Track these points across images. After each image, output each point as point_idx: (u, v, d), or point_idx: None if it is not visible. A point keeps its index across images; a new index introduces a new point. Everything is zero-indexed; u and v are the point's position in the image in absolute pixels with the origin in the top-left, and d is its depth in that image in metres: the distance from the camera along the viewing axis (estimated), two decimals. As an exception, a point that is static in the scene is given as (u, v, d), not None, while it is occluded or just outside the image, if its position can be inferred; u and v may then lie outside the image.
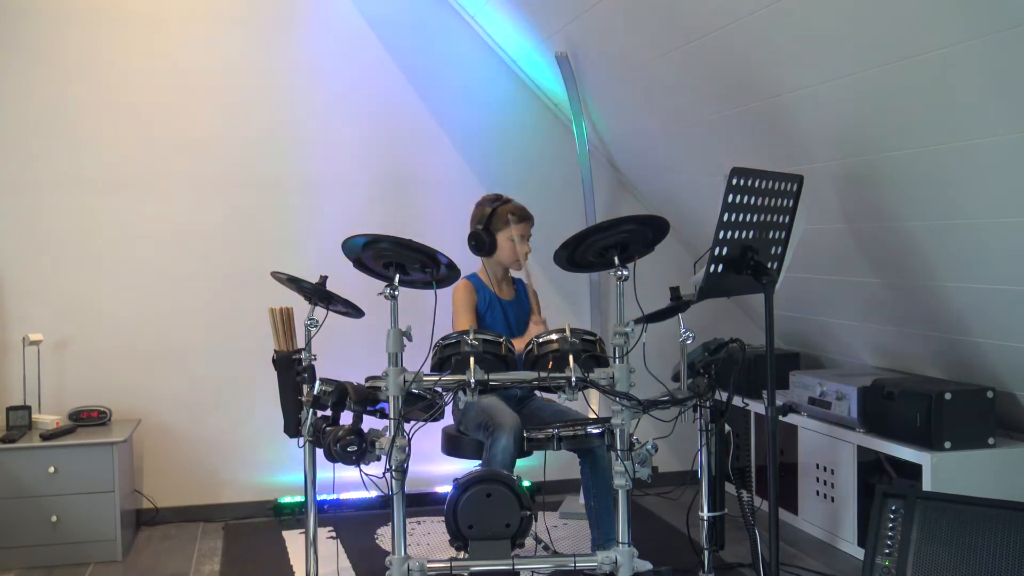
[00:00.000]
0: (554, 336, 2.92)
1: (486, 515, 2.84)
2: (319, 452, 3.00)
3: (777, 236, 2.94)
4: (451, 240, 3.51)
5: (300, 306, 3.26)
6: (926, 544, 2.78)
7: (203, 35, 4.35)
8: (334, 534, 4.06)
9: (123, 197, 4.28)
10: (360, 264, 2.94)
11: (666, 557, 3.56)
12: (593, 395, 3.06)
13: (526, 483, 2.93)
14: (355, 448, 2.81)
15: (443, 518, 2.88)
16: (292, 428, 3.23)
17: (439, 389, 2.89)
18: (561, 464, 4.07)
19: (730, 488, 3.89)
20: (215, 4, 4.35)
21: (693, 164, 4.18)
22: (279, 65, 4.43)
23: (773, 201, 2.87)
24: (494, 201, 3.54)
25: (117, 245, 4.29)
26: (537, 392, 3.54)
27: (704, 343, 3.10)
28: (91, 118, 4.25)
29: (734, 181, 2.70)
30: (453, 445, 3.46)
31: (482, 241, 3.51)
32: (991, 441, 3.40)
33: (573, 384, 2.80)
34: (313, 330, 3.13)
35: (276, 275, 3.20)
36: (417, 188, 4.58)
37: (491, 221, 3.51)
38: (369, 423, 2.89)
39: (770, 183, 2.83)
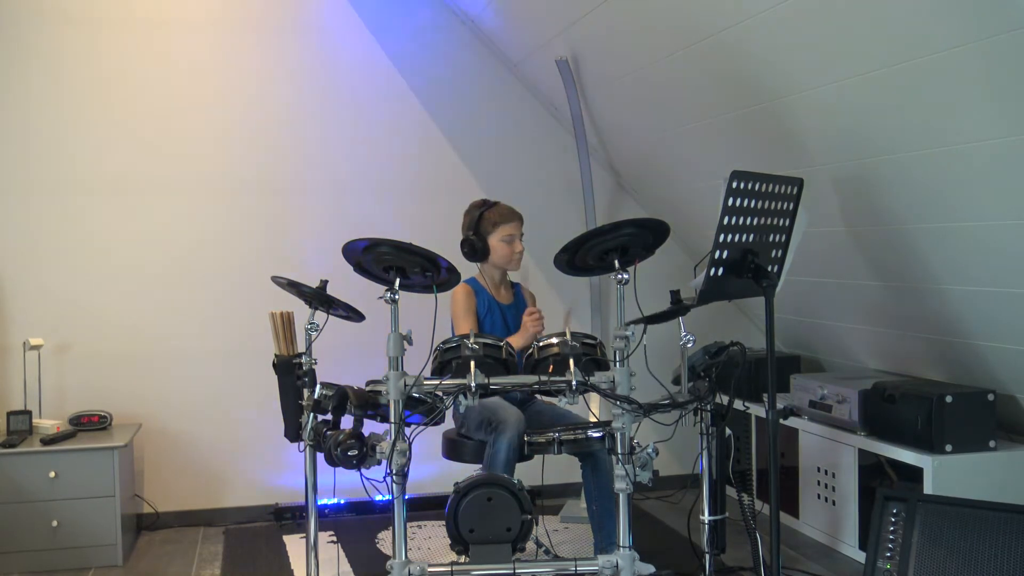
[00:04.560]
0: (554, 340, 2.92)
1: (487, 519, 2.84)
2: (320, 456, 3.00)
3: (777, 239, 2.94)
4: (451, 244, 3.51)
5: (301, 310, 3.26)
6: (927, 547, 2.78)
7: (203, 39, 4.35)
8: (335, 538, 4.06)
9: (124, 201, 4.29)
10: (360, 268, 2.94)
11: (667, 561, 3.56)
12: (593, 399, 3.05)
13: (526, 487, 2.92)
14: (356, 452, 2.81)
15: (444, 522, 2.88)
16: (293, 432, 3.23)
17: (440, 393, 2.89)
18: (562, 468, 4.07)
19: (731, 491, 3.88)
20: (215, 8, 4.36)
21: (693, 167, 4.18)
22: (279, 69, 4.44)
23: (773, 204, 2.87)
24: (481, 206, 3.55)
25: (118, 249, 4.29)
26: (538, 395, 3.54)
27: (705, 346, 3.09)
28: (92, 122, 4.25)
29: (734, 184, 2.70)
30: (454, 449, 3.46)
31: (474, 247, 3.52)
32: (992, 444, 3.40)
33: (574, 388, 2.80)
34: (314, 334, 3.13)
35: (276, 279, 3.20)
36: (417, 192, 4.58)
37: (480, 225, 3.52)
38: (370, 427, 2.89)
39: (770, 186, 2.83)
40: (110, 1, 4.25)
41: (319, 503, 3.31)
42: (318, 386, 3.05)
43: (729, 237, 2.75)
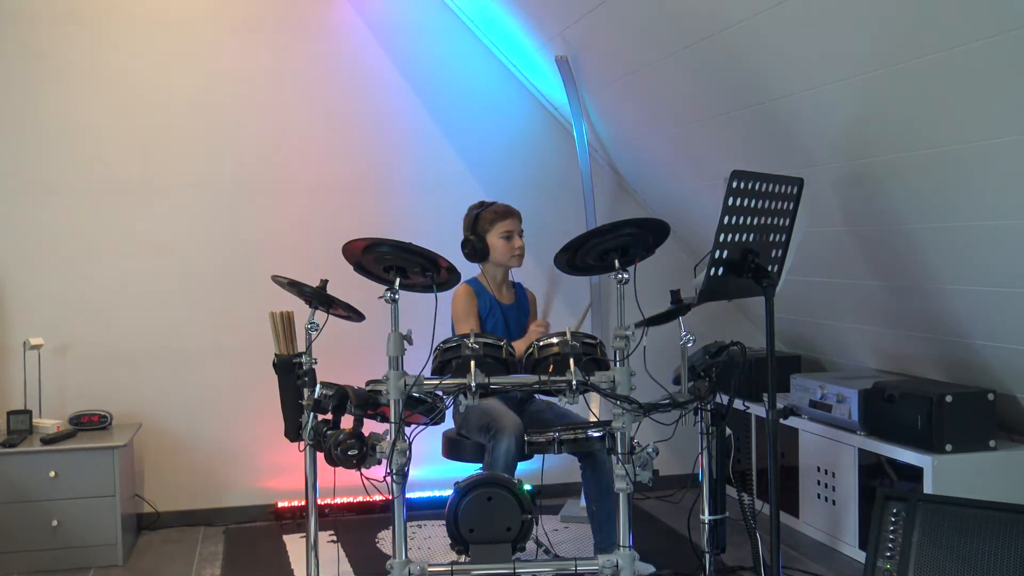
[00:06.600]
0: (555, 339, 2.92)
1: (487, 519, 2.84)
2: (320, 456, 3.00)
3: (777, 239, 2.94)
4: (451, 244, 3.51)
5: (301, 310, 3.26)
6: (928, 547, 2.78)
7: (205, 40, 4.35)
8: (335, 538, 4.06)
9: (124, 201, 4.29)
10: (361, 268, 2.94)
11: (667, 560, 3.56)
12: (594, 398, 3.05)
13: (527, 487, 2.92)
14: (356, 452, 2.81)
15: (444, 522, 2.88)
16: (293, 432, 3.23)
17: (440, 393, 2.89)
18: (561, 467, 4.07)
19: (731, 491, 3.88)
20: (217, 9, 4.36)
21: (693, 167, 4.18)
22: (280, 69, 4.44)
23: (773, 204, 2.86)
24: (478, 207, 3.58)
25: (118, 249, 4.29)
26: (537, 395, 3.54)
27: (705, 346, 3.09)
28: (93, 122, 4.25)
29: (734, 184, 2.70)
30: (454, 449, 3.47)
31: (474, 247, 3.54)
32: (992, 443, 3.40)
33: (574, 387, 2.80)
34: (314, 334, 3.13)
35: (277, 279, 3.20)
36: (418, 191, 4.58)
37: (477, 225, 3.54)
38: (370, 427, 2.89)
39: (770, 186, 2.83)
40: (112, 2, 4.25)
41: (319, 503, 3.30)
42: (318, 386, 3.04)
43: (729, 237, 2.75)
